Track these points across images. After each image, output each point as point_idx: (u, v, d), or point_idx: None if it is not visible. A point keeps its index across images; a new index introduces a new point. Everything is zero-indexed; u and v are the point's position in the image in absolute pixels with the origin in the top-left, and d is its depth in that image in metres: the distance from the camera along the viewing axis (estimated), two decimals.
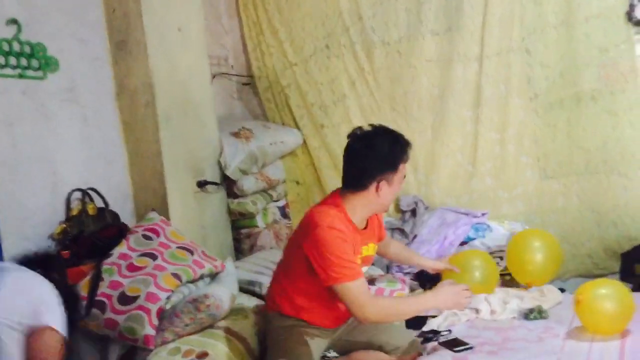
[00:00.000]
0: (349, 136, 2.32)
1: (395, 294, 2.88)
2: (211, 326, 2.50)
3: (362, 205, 2.27)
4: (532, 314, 2.67)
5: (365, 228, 2.36)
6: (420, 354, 2.39)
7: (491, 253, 3.22)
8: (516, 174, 3.61)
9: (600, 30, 3.34)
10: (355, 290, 2.13)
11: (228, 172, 3.46)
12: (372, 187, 2.23)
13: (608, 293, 2.34)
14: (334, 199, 2.31)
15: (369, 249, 2.39)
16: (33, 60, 2.60)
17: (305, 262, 2.21)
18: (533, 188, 3.60)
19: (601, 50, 3.35)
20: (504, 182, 3.64)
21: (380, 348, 2.38)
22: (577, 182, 3.49)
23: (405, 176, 2.35)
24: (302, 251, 2.21)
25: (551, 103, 3.50)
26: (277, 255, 3.18)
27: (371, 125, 2.34)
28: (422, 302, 2.30)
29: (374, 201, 2.26)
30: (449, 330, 2.56)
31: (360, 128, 2.33)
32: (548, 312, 2.69)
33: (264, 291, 2.89)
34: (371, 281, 2.92)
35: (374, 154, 2.23)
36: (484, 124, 3.64)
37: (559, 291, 2.92)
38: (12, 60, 2.51)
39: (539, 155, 3.57)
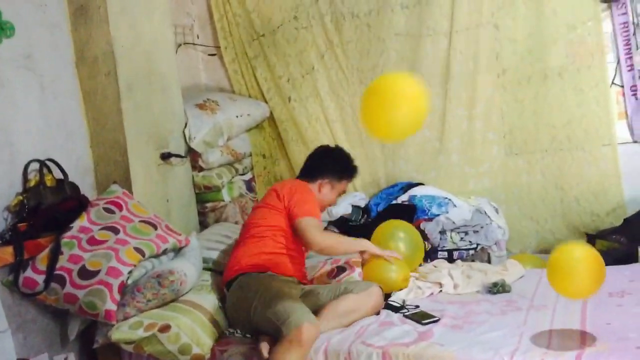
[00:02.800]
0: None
1: (352, 261, 2.87)
2: (174, 300, 2.47)
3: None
4: (496, 287, 2.70)
5: None
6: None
7: (456, 228, 3.25)
8: (483, 150, 3.63)
9: (568, 6, 3.34)
10: (315, 223, 2.65)
11: (193, 145, 3.39)
12: (316, 183, 2.85)
13: None
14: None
15: None
16: None
17: (277, 215, 2.68)
18: (499, 164, 3.62)
19: (569, 26, 3.35)
20: (471, 159, 3.66)
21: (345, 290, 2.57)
22: (541, 159, 3.52)
23: (341, 194, 3.00)
24: (275, 205, 2.70)
25: (519, 79, 3.50)
26: (229, 229, 3.17)
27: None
28: (352, 245, 2.78)
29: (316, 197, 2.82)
30: (417, 306, 2.57)
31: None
32: (511, 286, 2.73)
33: (218, 267, 2.87)
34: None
35: (332, 161, 2.93)
36: (451, 100, 3.63)
37: (521, 266, 2.96)
38: None
39: (505, 132, 3.58)
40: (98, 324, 2.43)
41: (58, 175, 2.68)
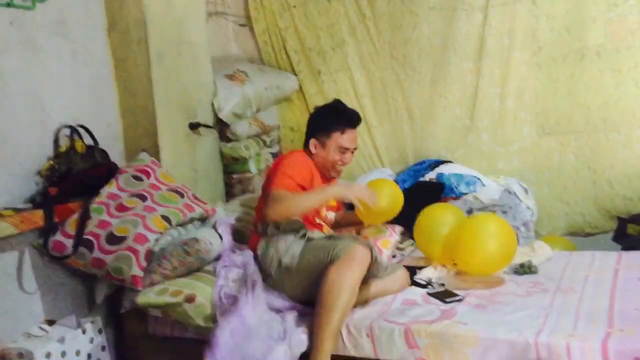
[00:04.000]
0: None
1: (380, 243, 2.86)
2: (199, 269, 2.49)
3: (315, 162, 2.67)
4: (522, 268, 2.67)
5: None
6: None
7: (484, 207, 3.21)
8: (514, 129, 3.56)
9: None
10: (281, 194, 2.39)
11: (221, 115, 3.39)
12: (310, 146, 2.67)
13: None
14: (302, 151, 2.71)
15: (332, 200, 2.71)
16: None
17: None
18: (530, 144, 3.55)
19: (609, 4, 3.24)
20: (501, 138, 3.60)
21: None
22: (574, 139, 3.44)
23: (347, 149, 2.66)
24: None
25: (554, 58, 3.41)
26: (255, 201, 3.14)
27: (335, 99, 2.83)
28: (318, 194, 2.47)
29: (315, 160, 2.67)
30: (442, 284, 2.56)
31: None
32: (538, 267, 2.69)
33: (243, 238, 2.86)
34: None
35: (314, 118, 2.73)
36: (484, 78, 3.56)
37: (549, 248, 2.92)
38: None
39: (538, 112, 3.50)
40: (125, 290, 2.46)
41: (88, 141, 2.70)
